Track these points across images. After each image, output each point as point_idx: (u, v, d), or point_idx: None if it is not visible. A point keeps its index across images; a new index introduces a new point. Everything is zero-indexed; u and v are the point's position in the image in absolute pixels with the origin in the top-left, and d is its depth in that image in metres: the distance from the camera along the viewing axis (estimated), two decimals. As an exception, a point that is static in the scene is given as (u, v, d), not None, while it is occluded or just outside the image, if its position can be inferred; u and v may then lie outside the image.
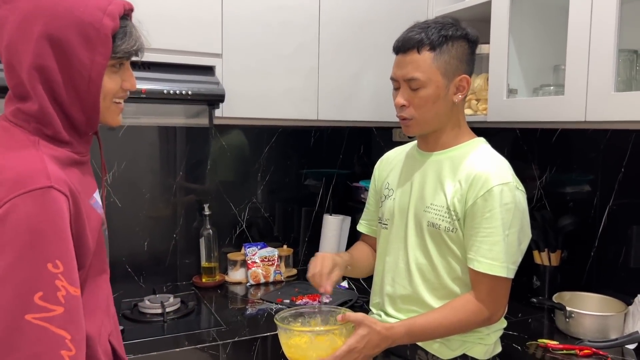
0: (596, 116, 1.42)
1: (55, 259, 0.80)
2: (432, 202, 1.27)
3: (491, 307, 1.21)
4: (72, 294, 0.81)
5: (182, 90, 1.64)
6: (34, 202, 0.79)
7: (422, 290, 1.29)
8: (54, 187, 0.81)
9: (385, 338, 1.15)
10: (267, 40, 1.85)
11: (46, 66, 0.85)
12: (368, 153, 2.47)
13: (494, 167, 1.22)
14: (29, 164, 0.83)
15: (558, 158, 1.92)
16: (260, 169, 2.27)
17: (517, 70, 1.75)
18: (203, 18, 1.74)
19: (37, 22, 0.83)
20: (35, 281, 0.78)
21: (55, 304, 0.79)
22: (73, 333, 0.80)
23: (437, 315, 1.21)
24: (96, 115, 0.91)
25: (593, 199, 1.80)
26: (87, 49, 0.85)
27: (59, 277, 0.79)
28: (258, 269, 2.12)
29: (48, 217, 0.80)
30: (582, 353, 1.44)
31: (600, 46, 1.40)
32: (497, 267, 1.18)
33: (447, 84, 1.24)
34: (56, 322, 0.79)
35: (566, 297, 1.68)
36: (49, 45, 0.84)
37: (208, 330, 1.64)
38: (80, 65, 0.86)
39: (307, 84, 1.93)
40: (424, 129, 1.29)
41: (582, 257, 1.83)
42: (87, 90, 0.88)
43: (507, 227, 1.19)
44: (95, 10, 0.85)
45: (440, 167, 1.29)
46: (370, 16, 2.01)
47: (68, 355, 0.79)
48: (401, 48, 1.25)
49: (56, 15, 0.83)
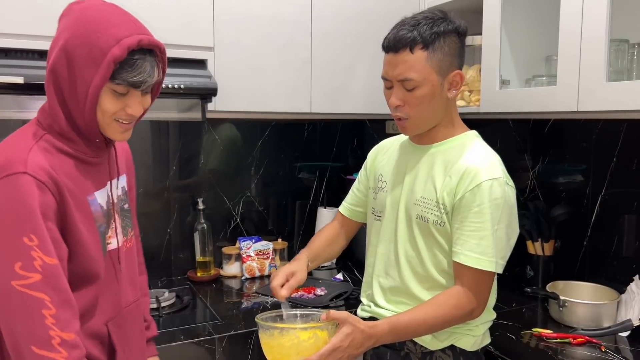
0: (588, 106, 1.43)
1: (30, 234, 0.93)
2: (422, 196, 1.27)
3: (473, 302, 1.20)
4: (48, 263, 0.95)
5: (174, 84, 1.63)
6: (9, 185, 0.94)
7: (410, 282, 1.29)
8: (28, 172, 0.94)
9: (369, 337, 1.14)
10: (259, 33, 1.84)
11: (59, 73, 0.99)
12: (361, 145, 2.47)
13: (485, 162, 1.22)
14: (15, 153, 0.97)
15: (550, 148, 1.93)
16: (253, 163, 2.26)
17: (510, 61, 1.76)
18: (195, 11, 1.72)
19: (64, 35, 0.98)
20: (14, 253, 0.93)
21: (33, 272, 0.93)
22: (52, 295, 0.94)
23: (419, 312, 1.20)
24: (94, 127, 1.03)
25: (585, 188, 1.81)
26: (91, 68, 0.96)
27: (34, 249, 0.93)
28: (253, 262, 2.12)
29: (19, 198, 0.94)
30: (576, 341, 1.46)
31: (591, 36, 1.40)
32: (485, 261, 1.18)
33: (441, 81, 1.22)
34: (35, 287, 0.93)
35: (559, 287, 1.69)
36: (65, 56, 0.97)
37: (204, 325, 1.64)
38: (82, 81, 0.97)
39: (300, 77, 1.93)
40: (420, 128, 1.28)
41: (575, 247, 1.85)
42: (84, 104, 0.99)
43: (496, 222, 1.19)
44: (109, 39, 0.96)
45: (432, 161, 1.29)
46: (362, 8, 2.00)
47: (49, 314, 0.94)
48: (392, 47, 1.21)
49: (78, 34, 0.97)
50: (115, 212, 1.14)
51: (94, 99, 0.98)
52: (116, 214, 1.15)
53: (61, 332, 0.95)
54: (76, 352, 0.98)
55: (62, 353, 0.95)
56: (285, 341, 1.14)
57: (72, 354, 0.96)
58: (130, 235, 1.22)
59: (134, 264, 1.25)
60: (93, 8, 1.00)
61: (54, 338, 0.94)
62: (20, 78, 1.42)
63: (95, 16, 0.98)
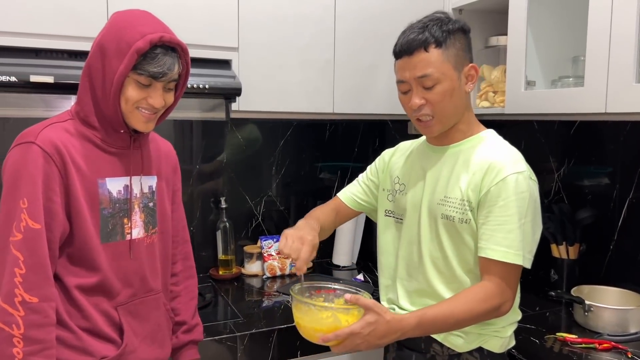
0: (617, 107, 1.40)
1: (24, 197, 1.06)
2: (446, 195, 1.26)
3: (501, 296, 1.19)
4: (31, 227, 1.06)
5: (199, 84, 1.65)
6: (18, 153, 1.08)
7: (436, 283, 1.29)
8: (36, 143, 1.07)
9: (395, 330, 1.12)
10: (282, 34, 1.85)
11: (93, 65, 1.13)
12: (383, 146, 2.44)
13: (508, 156, 1.23)
14: (33, 128, 1.11)
15: (576, 150, 1.90)
16: (275, 162, 2.27)
17: (535, 61, 1.73)
18: (219, 12, 1.74)
19: (102, 32, 1.14)
20: (12, 212, 1.06)
21: (18, 232, 1.05)
22: (26, 256, 1.05)
23: (447, 306, 1.19)
24: (118, 115, 1.14)
25: (612, 191, 1.77)
26: (117, 59, 1.09)
27: (23, 212, 1.05)
28: (274, 261, 2.13)
29: (23, 164, 1.07)
30: (602, 347, 1.43)
31: (621, 36, 1.38)
32: (512, 254, 1.17)
33: (459, 76, 1.24)
34: (15, 245, 1.05)
35: (585, 291, 1.66)
36: (99, 50, 1.12)
37: (225, 322, 1.65)
38: (109, 70, 1.10)
39: (323, 76, 1.93)
40: (445, 125, 1.28)
41: (601, 251, 1.81)
42: (110, 91, 1.11)
43: (523, 215, 1.18)
44: (135, 34, 1.09)
45: (454, 161, 1.28)
46: (386, 8, 2.00)
47: (19, 272, 1.04)
48: (406, 51, 1.22)
49: (111, 31, 1.12)
50: (136, 206, 1.21)
51: (118, 86, 1.10)
52: (137, 208, 1.21)
53: (25, 292, 1.04)
54: (35, 316, 1.04)
55: (19, 312, 1.03)
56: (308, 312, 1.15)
57: (29, 317, 1.04)
58: (151, 232, 1.26)
59: (155, 260, 1.28)
60: (128, 12, 1.15)
61: (16, 296, 1.04)
62: (51, 77, 1.45)
63: (127, 17, 1.14)
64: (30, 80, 1.43)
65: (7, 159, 1.10)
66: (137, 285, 1.22)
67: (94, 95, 1.13)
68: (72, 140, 1.12)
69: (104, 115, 1.14)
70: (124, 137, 1.19)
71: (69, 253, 1.13)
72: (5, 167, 1.09)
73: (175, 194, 1.37)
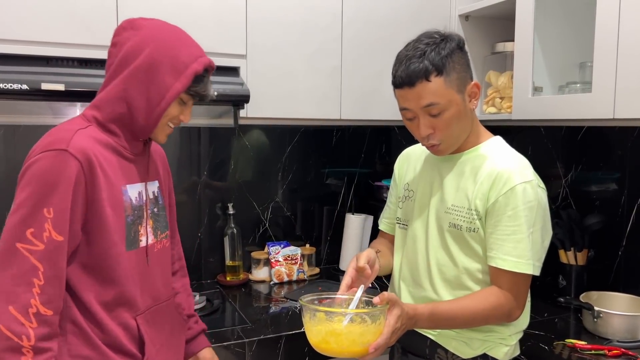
0: (625, 113, 1.40)
1: (50, 207, 1.03)
2: (453, 204, 1.27)
3: (512, 302, 1.20)
4: (54, 238, 1.04)
5: (207, 91, 1.65)
6: (50, 159, 1.05)
7: (442, 290, 1.28)
8: (69, 151, 1.05)
9: (411, 318, 1.14)
10: (290, 41, 1.86)
11: (137, 76, 1.12)
12: (389, 152, 2.47)
13: (516, 165, 1.22)
14: (61, 134, 1.08)
15: (584, 156, 1.90)
16: (282, 169, 2.28)
17: (542, 67, 1.74)
18: (227, 19, 1.75)
19: (149, 45, 1.12)
20: (31, 219, 1.03)
21: (39, 242, 1.03)
22: (46, 268, 1.03)
23: (460, 303, 1.21)
24: (153, 125, 1.16)
25: (620, 197, 1.77)
26: (172, 76, 1.12)
27: (48, 222, 1.03)
28: (281, 267, 2.13)
29: (53, 172, 1.04)
30: (611, 353, 1.43)
31: (629, 42, 1.38)
32: (522, 264, 1.18)
33: (463, 97, 1.22)
34: (36, 255, 1.02)
35: (593, 297, 1.66)
36: (148, 62, 1.12)
37: (233, 328, 1.66)
38: (163, 86, 1.12)
39: (330, 83, 1.94)
40: (454, 147, 1.28)
41: (609, 256, 1.81)
42: (158, 104, 1.13)
43: (531, 224, 1.19)
44: (190, 55, 1.15)
45: (461, 169, 1.29)
46: (393, 15, 2.01)
47: (37, 284, 1.02)
48: (406, 82, 1.20)
49: (162, 46, 1.13)
50: (146, 212, 1.21)
51: (169, 102, 1.13)
52: (146, 214, 1.21)
53: (41, 305, 1.03)
54: (46, 329, 1.03)
55: (32, 324, 1.01)
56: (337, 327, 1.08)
57: (40, 329, 1.02)
58: (160, 238, 1.26)
59: (167, 265, 1.30)
60: (166, 27, 1.18)
61: (31, 307, 1.02)
62: (62, 85, 1.47)
63: (173, 34, 1.17)
64: (41, 88, 1.44)
65: (34, 162, 1.05)
66: (153, 292, 1.23)
67: (129, 104, 1.13)
68: (98, 148, 1.11)
69: (134, 124, 1.15)
70: (139, 144, 1.21)
71: (84, 264, 1.11)
72: (30, 171, 1.05)
73: (170, 196, 1.37)
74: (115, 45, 1.16)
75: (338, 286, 1.22)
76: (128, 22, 1.18)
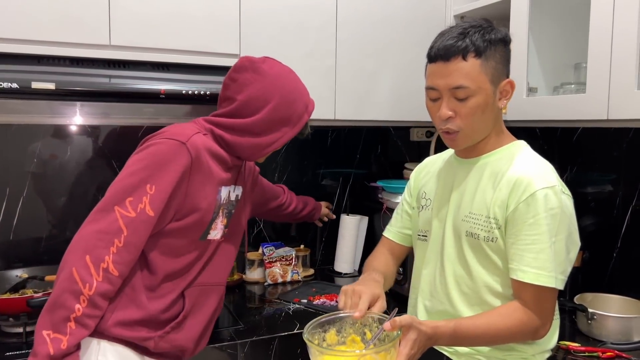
0: (619, 114, 1.40)
1: (153, 185, 1.18)
2: (471, 211, 1.20)
3: (537, 320, 1.12)
4: (146, 212, 1.17)
5: (200, 90, 1.65)
6: (169, 146, 1.21)
7: (459, 304, 1.22)
8: (186, 145, 1.22)
9: (430, 338, 1.05)
10: (284, 40, 1.85)
11: (259, 125, 1.31)
12: (385, 152, 2.46)
13: (537, 170, 1.15)
14: (184, 130, 1.26)
15: (579, 157, 1.90)
16: (277, 169, 2.27)
17: (537, 68, 1.73)
18: (221, 19, 1.74)
19: (275, 95, 1.31)
20: (134, 189, 1.17)
21: (133, 210, 1.16)
22: (129, 234, 1.16)
23: (484, 320, 1.13)
24: (256, 158, 1.40)
25: (615, 198, 1.76)
26: (288, 125, 1.34)
27: (147, 196, 1.17)
28: (276, 268, 2.12)
29: (168, 158, 1.20)
30: (605, 355, 1.42)
31: (623, 43, 1.38)
32: (544, 276, 1.10)
33: (494, 91, 1.16)
34: (125, 220, 1.16)
35: (588, 299, 1.65)
36: (271, 117, 1.31)
37: (226, 329, 1.64)
38: (277, 133, 1.33)
39: (325, 83, 1.93)
40: (471, 140, 1.21)
41: (604, 258, 1.80)
42: (268, 146, 1.33)
43: (554, 233, 1.11)
44: (303, 105, 1.37)
45: (479, 174, 1.22)
46: (388, 15, 2.00)
47: (117, 245, 1.15)
48: (442, 56, 1.13)
49: (285, 100, 1.32)
50: (221, 211, 1.35)
51: (281, 145, 1.35)
52: (222, 212, 1.35)
53: (112, 263, 1.14)
54: (108, 286, 1.14)
55: (99, 277, 1.13)
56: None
57: (103, 284, 1.13)
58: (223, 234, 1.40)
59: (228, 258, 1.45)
60: (286, 76, 1.35)
61: (104, 262, 1.13)
62: (52, 84, 1.46)
63: (293, 85, 1.36)
64: (31, 87, 1.44)
65: (155, 144, 1.22)
66: (206, 275, 1.36)
67: (246, 141, 1.31)
68: (208, 153, 1.28)
69: (241, 153, 1.34)
70: (239, 160, 1.40)
71: (164, 243, 1.26)
72: (148, 150, 1.21)
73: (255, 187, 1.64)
74: (236, 81, 1.33)
75: (332, 287, 1.21)
76: (249, 62, 1.34)
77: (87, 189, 1.97)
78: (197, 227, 1.29)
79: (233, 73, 1.35)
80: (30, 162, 1.87)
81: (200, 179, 1.26)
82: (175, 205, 1.24)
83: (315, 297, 1.91)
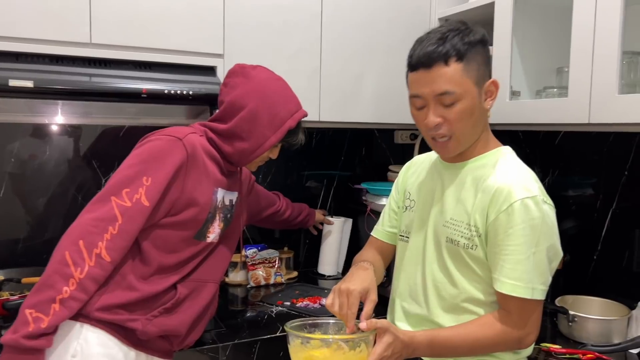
0: (600, 118, 1.41)
1: (150, 177, 1.22)
2: (452, 217, 1.19)
3: (521, 329, 1.12)
4: (142, 202, 1.21)
5: (183, 90, 1.63)
6: (165, 142, 1.26)
7: (436, 309, 1.21)
8: (183, 141, 1.27)
9: (407, 346, 1.06)
10: (269, 41, 1.84)
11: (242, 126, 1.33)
12: (370, 155, 2.46)
13: (518, 179, 1.13)
14: (181, 130, 1.30)
15: (561, 161, 1.91)
16: (261, 171, 2.25)
17: (520, 72, 1.75)
18: (205, 18, 1.73)
19: (253, 98, 1.33)
20: (131, 181, 1.21)
21: (129, 200, 1.19)
22: (124, 222, 1.19)
23: (462, 330, 1.12)
24: (246, 163, 1.41)
25: (596, 202, 1.78)
26: (269, 130, 1.34)
27: (143, 187, 1.21)
28: (259, 270, 2.11)
29: (165, 152, 1.25)
30: (585, 357, 1.43)
31: (604, 48, 1.39)
32: (521, 288, 1.09)
33: (480, 92, 1.15)
34: (121, 209, 1.19)
35: (569, 301, 1.66)
36: (252, 115, 1.32)
37: (207, 332, 1.62)
38: (261, 136, 1.33)
39: (309, 84, 1.93)
40: (463, 145, 1.19)
41: (584, 261, 1.82)
42: (253, 152, 1.35)
43: (534, 244, 1.09)
44: (287, 113, 1.36)
45: (462, 180, 1.21)
46: (372, 17, 2.00)
47: (111, 232, 1.17)
48: (423, 63, 1.11)
49: (265, 102, 1.33)
50: (218, 215, 1.37)
51: (263, 152, 1.35)
52: (218, 217, 1.37)
53: (105, 249, 1.16)
54: (99, 271, 1.16)
55: (90, 262, 1.15)
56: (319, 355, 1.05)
57: (94, 269, 1.15)
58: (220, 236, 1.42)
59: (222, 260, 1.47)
60: (272, 82, 1.37)
61: (97, 247, 1.15)
62: (30, 82, 1.43)
63: (277, 90, 1.36)
64: (9, 85, 1.40)
65: (152, 140, 1.27)
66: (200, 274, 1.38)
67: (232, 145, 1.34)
68: (204, 153, 1.32)
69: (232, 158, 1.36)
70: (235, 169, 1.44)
71: (159, 234, 1.28)
72: (146, 146, 1.26)
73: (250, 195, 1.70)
74: (227, 85, 1.37)
75: (316, 290, 1.20)
76: (240, 68, 1.38)
77: (67, 189, 1.94)
78: (192, 224, 1.31)
79: (226, 78, 1.39)
80: (7, 162, 1.84)
81: (196, 176, 1.29)
82: (171, 200, 1.26)
83: (298, 299, 1.90)
